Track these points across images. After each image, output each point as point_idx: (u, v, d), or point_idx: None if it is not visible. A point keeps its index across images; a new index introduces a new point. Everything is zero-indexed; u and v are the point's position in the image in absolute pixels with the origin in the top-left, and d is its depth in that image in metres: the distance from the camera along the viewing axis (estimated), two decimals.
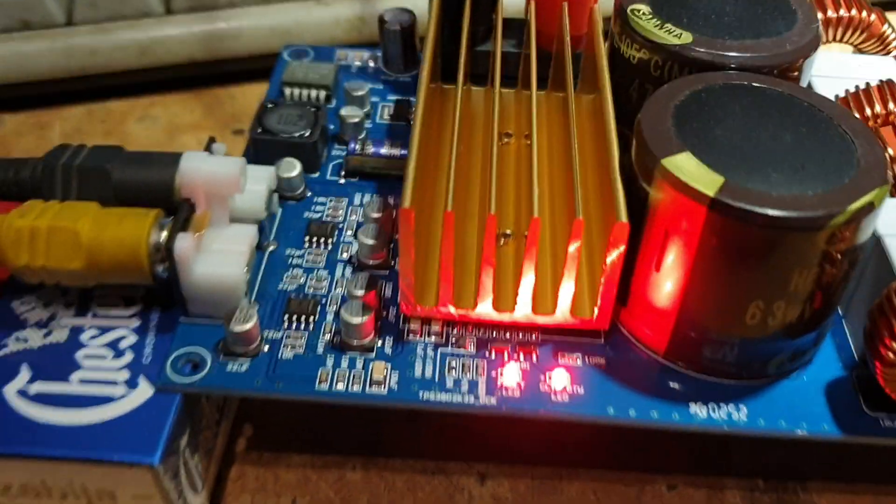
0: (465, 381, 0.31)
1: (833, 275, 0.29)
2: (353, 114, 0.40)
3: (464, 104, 0.34)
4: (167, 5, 0.51)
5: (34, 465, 0.30)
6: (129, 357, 0.33)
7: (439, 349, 0.32)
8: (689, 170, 0.28)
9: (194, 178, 0.33)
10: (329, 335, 0.33)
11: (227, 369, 0.32)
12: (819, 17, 0.37)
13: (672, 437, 0.33)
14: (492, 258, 0.31)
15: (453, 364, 0.32)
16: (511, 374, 0.32)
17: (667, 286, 0.30)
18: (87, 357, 0.33)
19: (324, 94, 0.42)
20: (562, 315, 0.32)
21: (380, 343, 0.33)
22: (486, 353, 0.32)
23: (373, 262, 0.35)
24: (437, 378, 0.32)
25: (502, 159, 0.32)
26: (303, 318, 0.33)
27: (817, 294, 0.29)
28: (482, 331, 0.33)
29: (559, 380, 0.32)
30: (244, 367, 0.32)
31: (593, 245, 0.32)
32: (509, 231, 0.33)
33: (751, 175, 0.28)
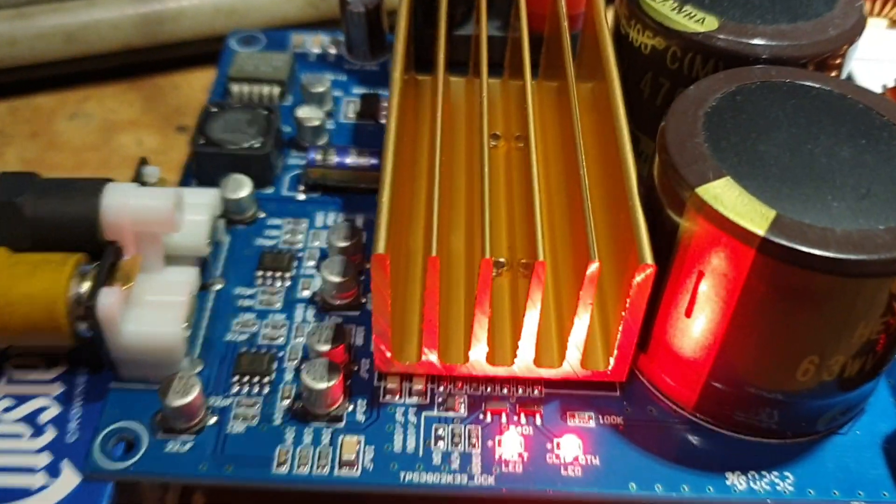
0: (456, 455, 0.26)
1: None
2: (311, 115, 0.34)
3: (444, 101, 0.28)
4: None
5: None
6: (50, 435, 0.27)
7: (423, 413, 0.27)
8: (732, 201, 0.23)
9: (120, 216, 0.27)
10: (288, 400, 0.27)
11: (165, 449, 0.26)
12: None
13: None
14: (486, 306, 0.25)
15: (440, 432, 0.26)
16: (511, 444, 0.26)
17: (699, 334, 0.25)
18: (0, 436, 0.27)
19: (277, 90, 0.36)
20: (571, 367, 0.27)
21: (350, 408, 0.27)
22: (481, 416, 0.27)
23: (340, 303, 0.29)
24: (420, 452, 0.26)
25: (493, 170, 0.26)
26: (256, 378, 0.28)
27: (883, 343, 0.24)
28: (473, 386, 0.28)
29: (569, 448, 0.26)
30: (186, 447, 0.26)
31: (604, 283, 0.27)
32: (503, 259, 0.27)
33: (807, 206, 0.23)
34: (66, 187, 0.28)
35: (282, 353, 0.28)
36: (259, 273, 0.30)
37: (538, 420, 0.27)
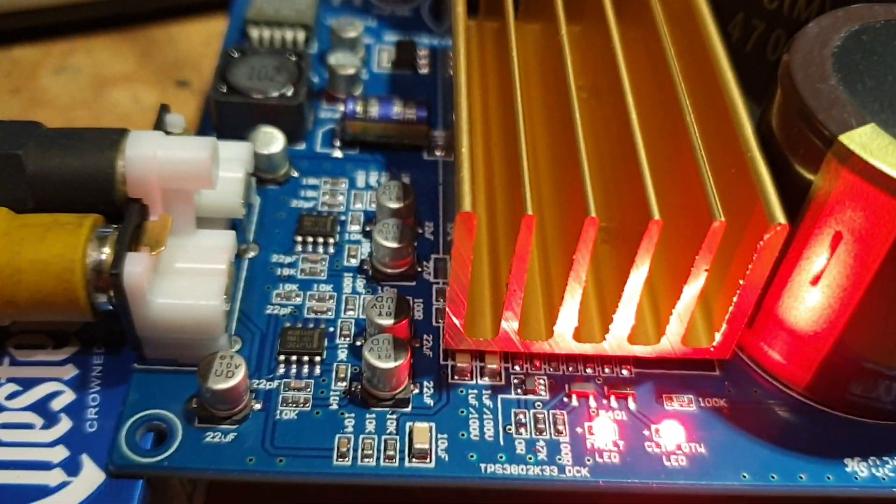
0: (542, 443, 0.23)
1: None
2: (346, 62, 0.30)
3: (518, 45, 0.25)
4: None
5: None
6: (65, 425, 0.23)
7: (499, 396, 0.24)
8: (882, 150, 0.20)
9: (146, 170, 0.23)
10: (344, 382, 0.24)
11: (204, 441, 0.22)
12: None
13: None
14: (582, 274, 0.22)
15: (521, 418, 0.23)
16: (604, 431, 0.23)
17: (825, 305, 0.22)
18: (4, 427, 0.23)
19: (302, 35, 0.32)
20: (669, 344, 0.23)
21: (415, 390, 0.24)
22: (565, 399, 0.24)
23: (393, 272, 0.26)
24: (501, 441, 0.23)
25: (585, 126, 0.23)
26: (305, 358, 0.24)
27: None
28: (553, 365, 0.24)
29: (671, 435, 0.23)
30: (229, 438, 0.22)
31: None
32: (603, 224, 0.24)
33: None
34: (77, 138, 0.24)
35: (332, 329, 0.25)
36: (298, 238, 0.27)
37: (631, 404, 0.24)
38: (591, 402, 0.24)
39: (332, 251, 0.27)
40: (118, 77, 0.40)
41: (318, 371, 0.24)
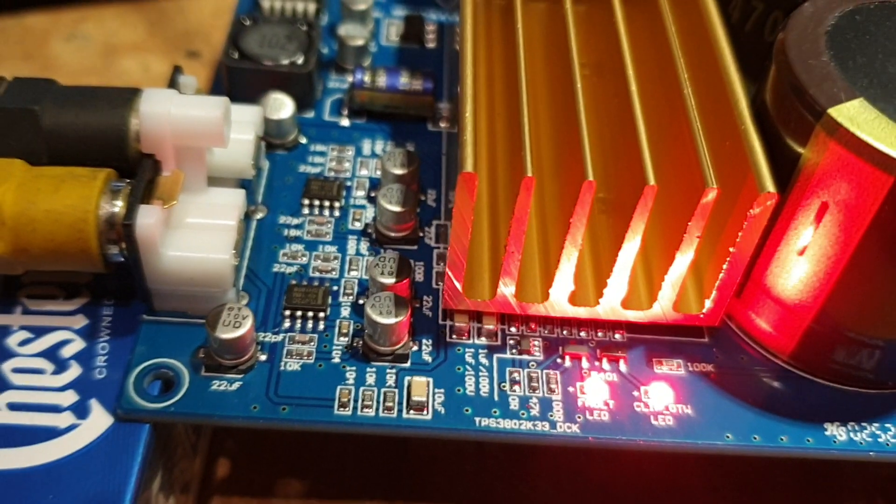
0: (535, 400, 0.24)
1: None
2: (356, 34, 0.31)
3: (523, 19, 0.26)
4: None
5: None
6: (75, 371, 0.24)
7: (495, 355, 0.24)
8: (869, 124, 0.20)
9: (160, 127, 0.24)
10: (346, 338, 0.24)
11: (211, 388, 0.23)
12: None
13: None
14: (579, 238, 0.23)
15: (516, 376, 0.24)
16: (595, 391, 0.24)
17: (811, 274, 0.23)
18: (17, 371, 0.24)
19: (313, 6, 0.32)
20: (661, 310, 0.24)
21: (414, 347, 0.24)
22: (558, 360, 0.25)
23: (396, 235, 0.27)
24: (496, 397, 0.24)
25: (587, 100, 0.24)
26: (310, 314, 0.25)
27: None
28: (548, 328, 0.25)
29: (659, 397, 0.24)
30: (235, 386, 0.23)
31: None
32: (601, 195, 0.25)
33: None
34: (91, 95, 0.25)
35: (336, 287, 0.25)
36: (305, 202, 0.27)
37: (622, 366, 0.24)
38: (584, 363, 0.24)
39: (337, 214, 0.27)
40: (128, 46, 0.41)
41: (321, 326, 0.25)
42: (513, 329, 0.25)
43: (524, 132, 0.23)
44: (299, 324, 0.25)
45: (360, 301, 0.25)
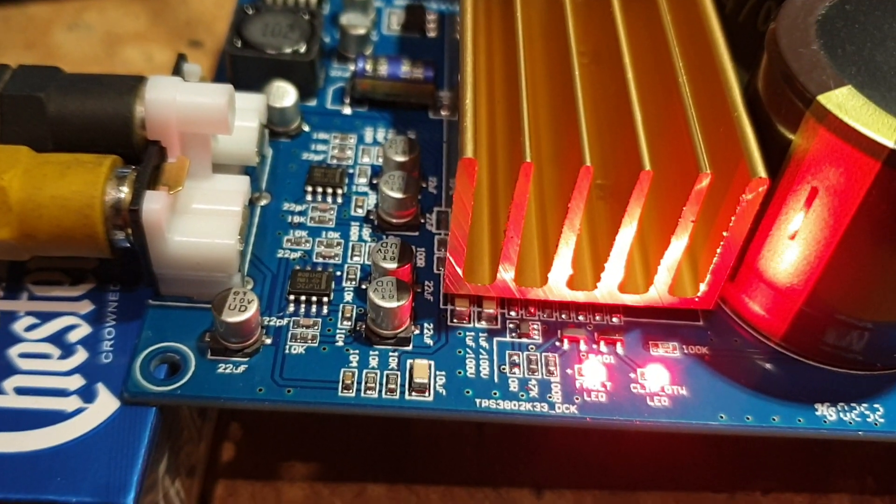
0: (534, 382, 0.24)
1: None
2: (357, 23, 0.31)
3: (522, 8, 0.26)
4: None
5: None
6: (81, 356, 0.25)
7: (494, 338, 0.25)
8: (857, 111, 0.21)
9: (166, 113, 0.24)
10: (349, 322, 0.25)
11: (217, 371, 0.24)
12: None
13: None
14: (576, 223, 0.23)
15: (515, 359, 0.25)
16: (593, 373, 0.24)
17: (801, 258, 0.23)
18: (24, 356, 0.24)
19: None
20: (657, 293, 0.25)
21: (416, 331, 0.25)
22: (557, 343, 0.25)
23: (398, 221, 0.27)
24: (496, 379, 0.24)
25: (586, 88, 0.24)
26: (314, 298, 0.25)
27: None
28: (547, 312, 0.26)
29: (655, 378, 0.24)
30: (240, 369, 0.24)
31: None
32: (599, 181, 0.25)
33: None
34: (96, 83, 0.26)
35: (339, 273, 0.26)
36: (309, 189, 0.28)
37: (619, 349, 0.25)
38: (582, 345, 0.25)
39: (340, 201, 0.28)
40: (130, 35, 0.41)
41: (325, 311, 0.25)
42: (512, 313, 0.26)
43: (523, 119, 0.23)
44: (303, 308, 0.25)
45: (363, 286, 0.26)
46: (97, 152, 0.24)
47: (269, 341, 0.24)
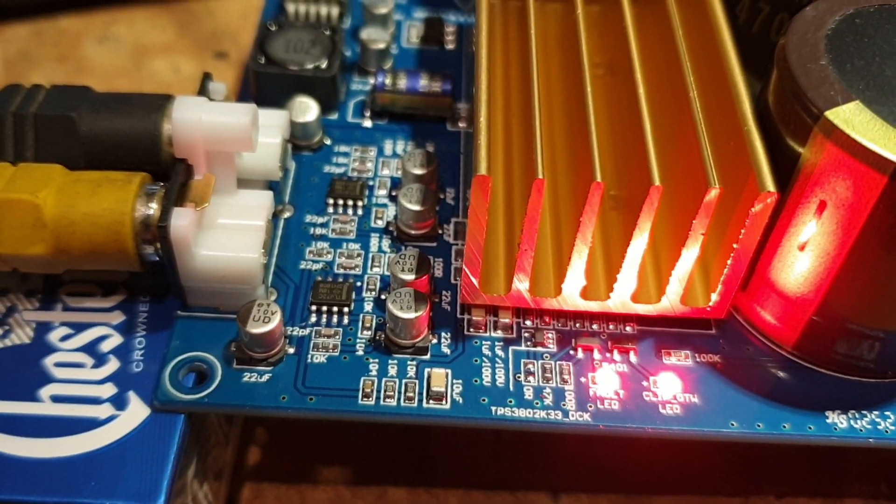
0: (549, 390, 0.25)
1: None
2: (377, 37, 0.32)
3: (536, 23, 0.27)
4: None
5: None
6: (113, 365, 0.26)
7: (510, 347, 0.26)
8: (864, 126, 0.21)
9: (192, 132, 0.25)
10: (369, 331, 0.26)
11: (242, 380, 0.25)
12: None
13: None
14: (589, 235, 0.24)
15: (530, 368, 0.25)
16: (606, 381, 0.25)
17: (811, 269, 0.24)
18: (59, 365, 0.25)
19: (336, 10, 0.34)
20: (669, 303, 0.25)
21: (434, 340, 0.26)
22: (571, 352, 0.26)
23: (416, 233, 0.28)
24: (511, 387, 0.25)
25: (597, 100, 0.25)
26: (335, 309, 0.26)
27: None
28: (561, 321, 0.26)
29: (667, 386, 0.25)
30: (265, 378, 0.25)
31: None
32: (612, 192, 0.26)
33: None
34: (126, 102, 0.26)
35: (359, 283, 0.27)
36: (330, 201, 0.29)
37: (633, 357, 0.26)
38: (596, 354, 0.26)
39: (360, 213, 0.29)
40: (158, 47, 0.42)
41: (346, 321, 0.26)
42: (528, 322, 0.26)
43: (536, 135, 0.24)
44: (325, 318, 0.26)
45: (382, 296, 0.26)
46: (127, 169, 0.25)
47: (291, 351, 0.25)
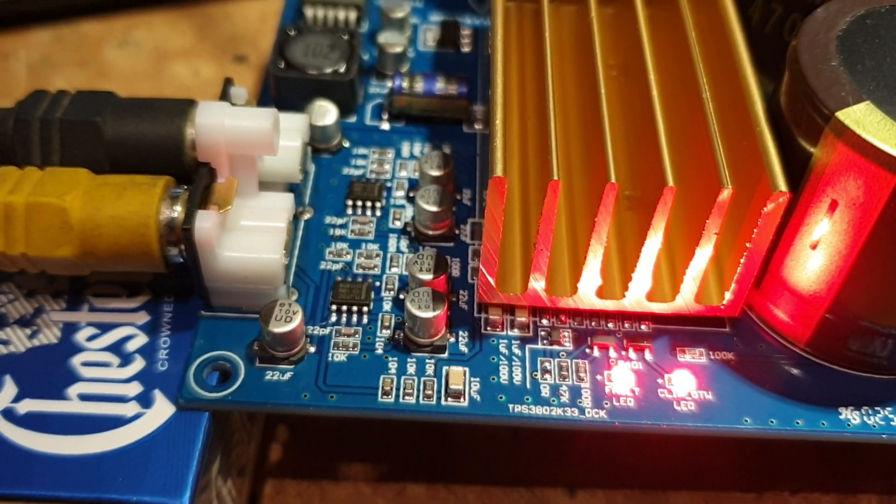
0: (565, 388, 0.25)
1: None
2: (394, 41, 0.33)
3: (550, 26, 0.27)
4: None
5: None
6: (139, 364, 0.26)
7: (527, 346, 0.26)
8: (874, 126, 0.22)
9: (215, 137, 0.26)
10: (388, 330, 0.26)
11: (265, 378, 0.25)
12: None
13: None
14: (604, 235, 0.24)
15: (547, 366, 0.26)
16: (622, 379, 0.25)
17: (823, 267, 0.24)
18: (86, 365, 0.26)
19: (354, 14, 0.34)
20: (684, 302, 0.26)
21: (452, 339, 0.26)
22: (587, 350, 0.26)
23: (434, 233, 0.28)
24: (528, 385, 0.25)
25: (612, 101, 0.25)
26: (354, 308, 0.27)
27: None
28: (577, 320, 0.27)
29: (682, 384, 0.25)
30: (287, 376, 0.25)
31: None
32: (627, 192, 0.26)
33: None
34: (149, 107, 0.27)
35: (378, 283, 0.27)
36: (349, 202, 0.29)
37: (648, 355, 0.26)
38: (611, 352, 0.26)
39: (378, 214, 0.29)
40: (178, 52, 0.43)
41: (365, 320, 0.26)
42: (544, 321, 0.27)
43: (551, 137, 0.24)
44: (345, 318, 0.27)
45: (401, 296, 0.27)
46: (150, 172, 0.26)
47: (313, 349, 0.26)
